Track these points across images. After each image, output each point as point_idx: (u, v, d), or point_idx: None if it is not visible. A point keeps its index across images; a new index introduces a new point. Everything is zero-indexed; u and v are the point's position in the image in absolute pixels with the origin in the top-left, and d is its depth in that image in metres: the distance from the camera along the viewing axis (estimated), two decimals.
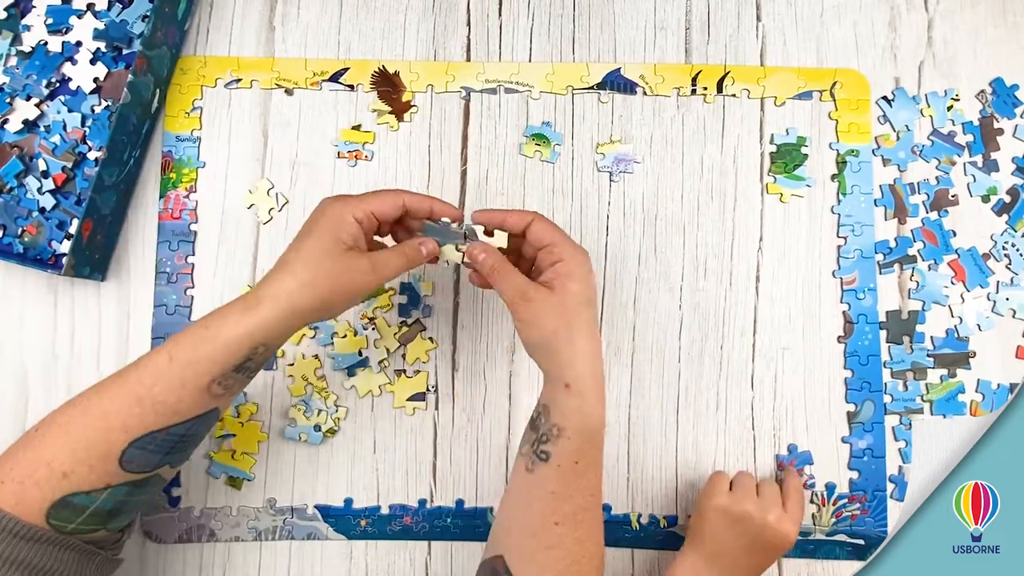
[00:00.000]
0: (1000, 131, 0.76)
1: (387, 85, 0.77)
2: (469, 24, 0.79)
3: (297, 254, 0.57)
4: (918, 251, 0.75)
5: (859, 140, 0.76)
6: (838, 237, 0.75)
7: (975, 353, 0.73)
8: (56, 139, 0.74)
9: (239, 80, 0.77)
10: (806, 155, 0.76)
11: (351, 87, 0.77)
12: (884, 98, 0.77)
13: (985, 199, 0.75)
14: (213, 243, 0.75)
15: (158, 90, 0.75)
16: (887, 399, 0.73)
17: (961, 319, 0.74)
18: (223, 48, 0.78)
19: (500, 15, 0.79)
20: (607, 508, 0.72)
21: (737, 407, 0.73)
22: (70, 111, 0.74)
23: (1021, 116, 0.77)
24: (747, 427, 0.73)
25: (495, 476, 0.73)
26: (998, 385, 0.73)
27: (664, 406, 0.73)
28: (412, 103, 0.77)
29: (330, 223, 0.57)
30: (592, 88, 0.77)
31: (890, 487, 0.72)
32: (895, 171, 0.76)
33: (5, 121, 0.74)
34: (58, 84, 0.75)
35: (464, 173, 0.77)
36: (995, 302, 0.74)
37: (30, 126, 0.74)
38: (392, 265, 0.59)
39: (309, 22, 0.79)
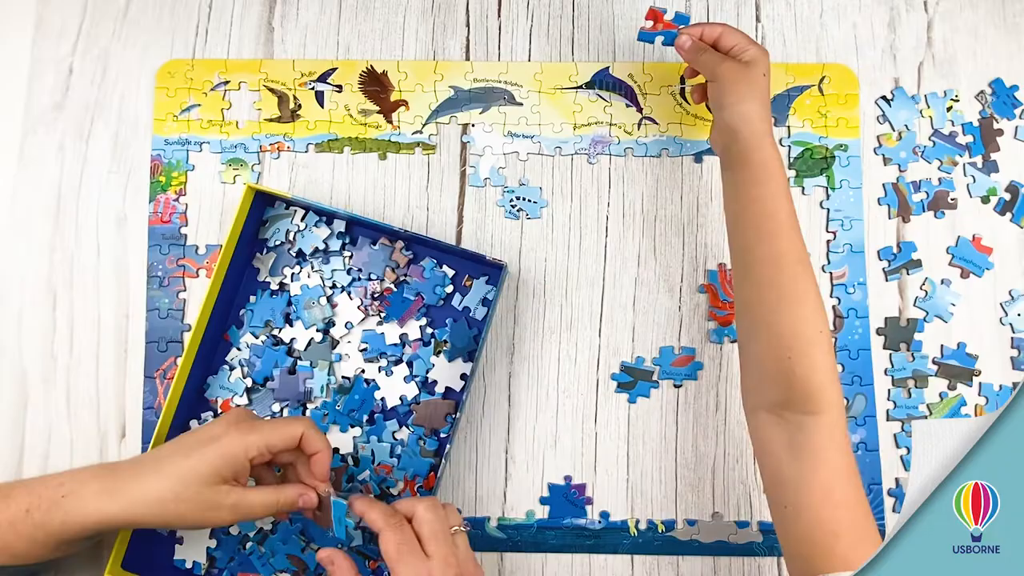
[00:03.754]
0: (1000, 132, 0.76)
1: (375, 85, 0.77)
2: (468, 25, 0.79)
3: (175, 465, 0.57)
4: (922, 256, 0.75)
5: (848, 135, 0.76)
6: (827, 232, 0.75)
7: (980, 372, 0.73)
8: (365, 474, 0.71)
9: (227, 82, 0.77)
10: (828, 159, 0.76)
11: (339, 87, 0.77)
12: (883, 98, 0.77)
13: (985, 200, 0.75)
14: (203, 246, 0.75)
15: None
16: (889, 406, 0.73)
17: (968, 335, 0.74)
18: (222, 49, 0.78)
19: (499, 16, 0.79)
20: (605, 515, 0.72)
21: (737, 408, 0.73)
22: (379, 440, 0.71)
23: (1021, 117, 0.77)
24: (747, 428, 0.73)
25: (495, 479, 0.73)
26: (1000, 387, 0.73)
27: (664, 407, 0.73)
28: (401, 101, 0.77)
29: (222, 457, 0.57)
30: (581, 87, 0.77)
31: (890, 501, 0.72)
32: (896, 171, 0.76)
33: None
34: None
35: (464, 174, 0.76)
36: (1006, 312, 0.74)
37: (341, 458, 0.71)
38: (257, 511, 0.60)
39: (308, 23, 0.79)
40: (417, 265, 0.73)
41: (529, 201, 0.76)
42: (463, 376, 0.72)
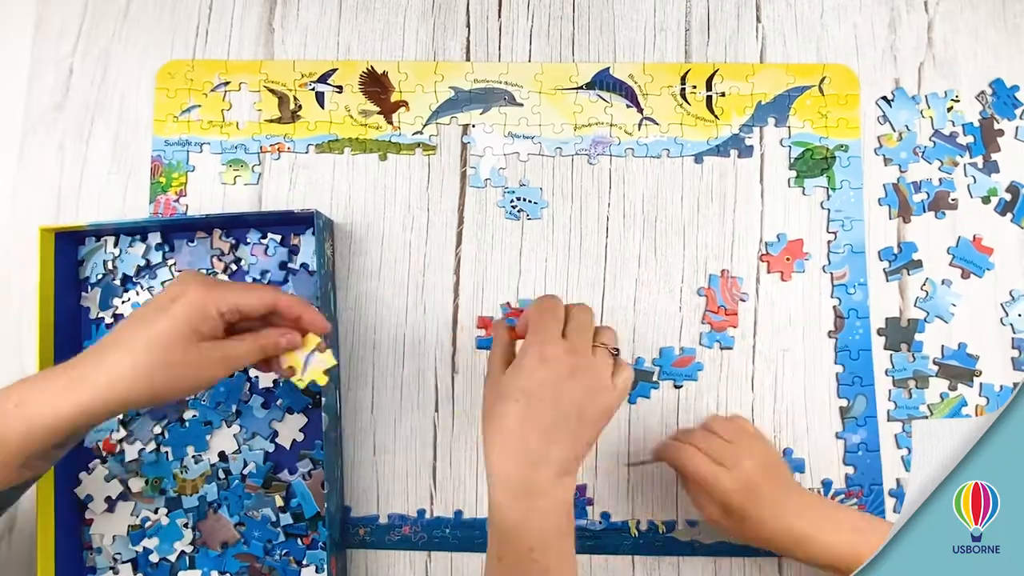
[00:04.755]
0: (1000, 132, 0.76)
1: (376, 85, 0.77)
2: (468, 26, 0.79)
3: (142, 333, 0.53)
4: (923, 257, 0.75)
5: (848, 135, 0.76)
6: (828, 232, 0.75)
7: (981, 372, 0.73)
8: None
9: (228, 83, 0.77)
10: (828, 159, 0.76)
11: (339, 88, 0.77)
12: (884, 98, 0.77)
13: (985, 200, 0.75)
14: None
15: None
16: (890, 406, 0.73)
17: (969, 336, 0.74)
18: (222, 50, 0.78)
19: (500, 17, 0.79)
20: (605, 516, 0.72)
21: (737, 408, 0.73)
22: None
23: (1021, 117, 0.77)
24: None
25: None
26: (1001, 387, 0.73)
27: (664, 407, 0.73)
28: (402, 102, 0.77)
29: (190, 311, 0.53)
30: (581, 88, 0.77)
31: (890, 501, 0.72)
32: (896, 171, 0.76)
33: None
34: None
35: (464, 175, 0.76)
36: (1007, 312, 0.74)
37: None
38: (245, 359, 0.57)
39: (308, 24, 0.79)
40: (251, 244, 0.73)
41: (529, 202, 0.76)
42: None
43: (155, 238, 0.74)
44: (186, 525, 0.71)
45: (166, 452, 0.71)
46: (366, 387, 0.74)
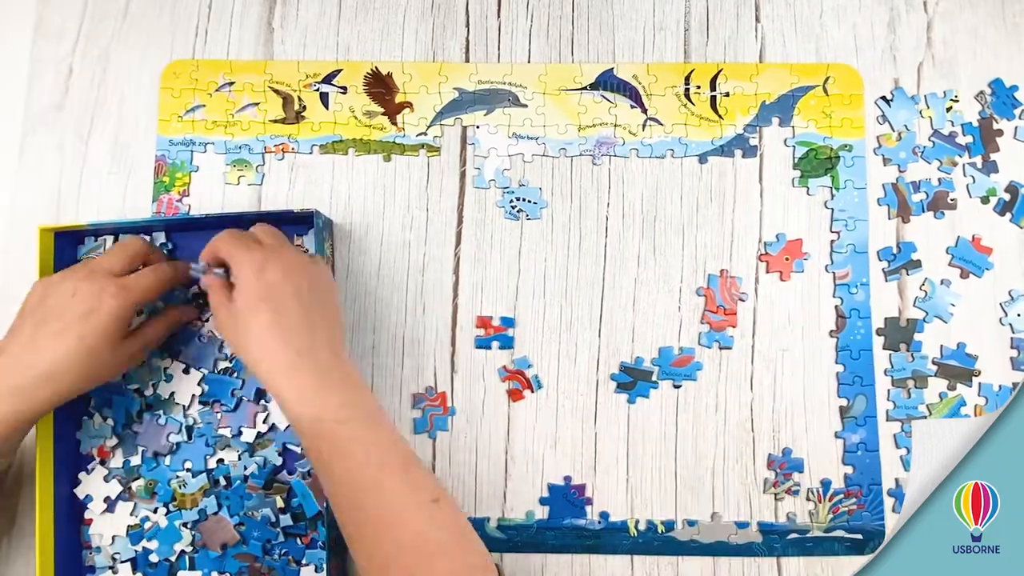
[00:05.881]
0: (999, 132, 0.76)
1: (380, 87, 0.77)
2: (468, 25, 0.79)
3: (73, 346, 0.60)
4: (922, 257, 0.75)
5: (852, 135, 0.76)
6: (831, 232, 0.75)
7: (980, 372, 0.73)
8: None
9: (232, 83, 0.77)
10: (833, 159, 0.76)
11: (343, 89, 0.77)
12: (883, 98, 0.77)
13: (984, 200, 0.75)
14: None
15: None
16: (889, 406, 0.73)
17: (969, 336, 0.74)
18: (222, 50, 0.78)
19: (499, 16, 0.79)
20: (604, 516, 0.72)
21: (736, 408, 0.73)
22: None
23: (1020, 117, 0.77)
24: (746, 429, 0.73)
25: (494, 479, 0.73)
26: (1000, 387, 0.73)
27: (663, 407, 0.73)
28: (406, 103, 0.77)
29: (112, 319, 0.61)
30: (585, 88, 0.77)
31: (890, 501, 0.72)
32: (896, 171, 0.76)
33: None
34: None
35: (463, 175, 0.77)
36: (1006, 312, 0.74)
37: None
38: (159, 340, 0.68)
39: (308, 24, 0.79)
40: None
41: (529, 202, 0.76)
42: None
43: (159, 237, 0.74)
44: (185, 525, 0.71)
45: (164, 458, 0.72)
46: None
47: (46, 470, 0.67)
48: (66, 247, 0.72)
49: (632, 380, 0.74)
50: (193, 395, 0.72)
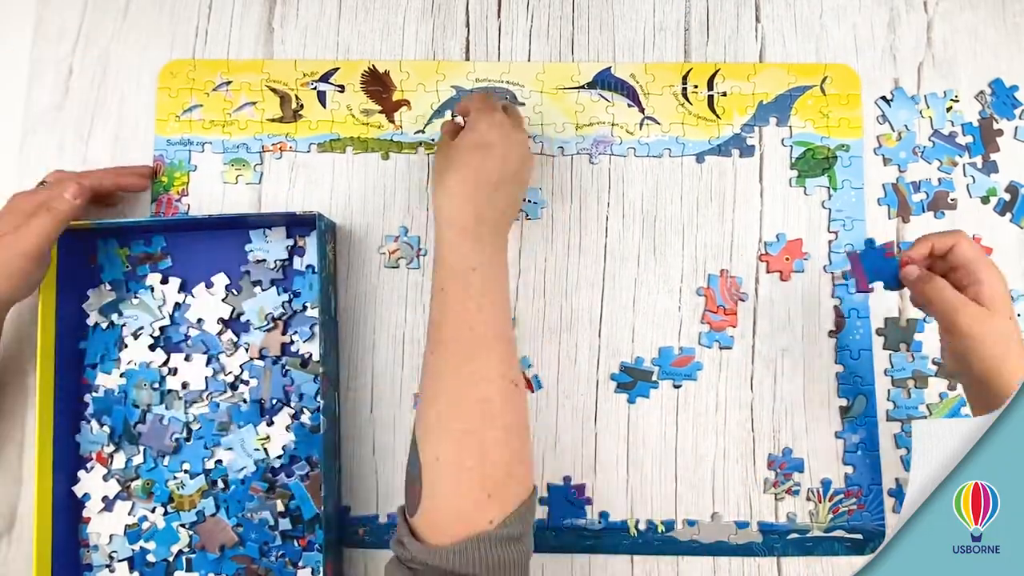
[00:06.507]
0: (999, 132, 0.76)
1: (377, 85, 0.77)
2: (468, 25, 0.79)
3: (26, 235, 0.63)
4: None
5: (850, 135, 0.76)
6: (829, 232, 0.75)
7: None
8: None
9: (230, 82, 0.77)
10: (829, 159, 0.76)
11: (341, 87, 0.77)
12: (883, 98, 0.77)
13: (984, 200, 0.75)
14: None
15: None
16: (889, 406, 0.73)
17: None
18: (222, 50, 0.78)
19: (499, 16, 0.79)
20: (604, 516, 0.72)
21: (737, 408, 0.73)
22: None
23: (1020, 117, 0.77)
24: (747, 429, 0.73)
25: None
26: None
27: (663, 407, 0.73)
28: (403, 101, 0.77)
29: (64, 220, 0.65)
30: (583, 87, 0.77)
31: (890, 501, 0.72)
32: (896, 171, 0.76)
33: None
34: None
35: None
36: None
37: None
38: (48, 233, 0.66)
39: (308, 23, 0.79)
40: (256, 245, 0.74)
41: (529, 201, 0.76)
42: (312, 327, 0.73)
43: (159, 241, 0.74)
44: (183, 526, 0.71)
45: (163, 458, 0.72)
46: (366, 387, 0.74)
47: (45, 466, 0.68)
48: (69, 247, 0.71)
49: (632, 380, 0.74)
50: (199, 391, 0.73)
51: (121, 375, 0.72)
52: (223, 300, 0.73)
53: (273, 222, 0.73)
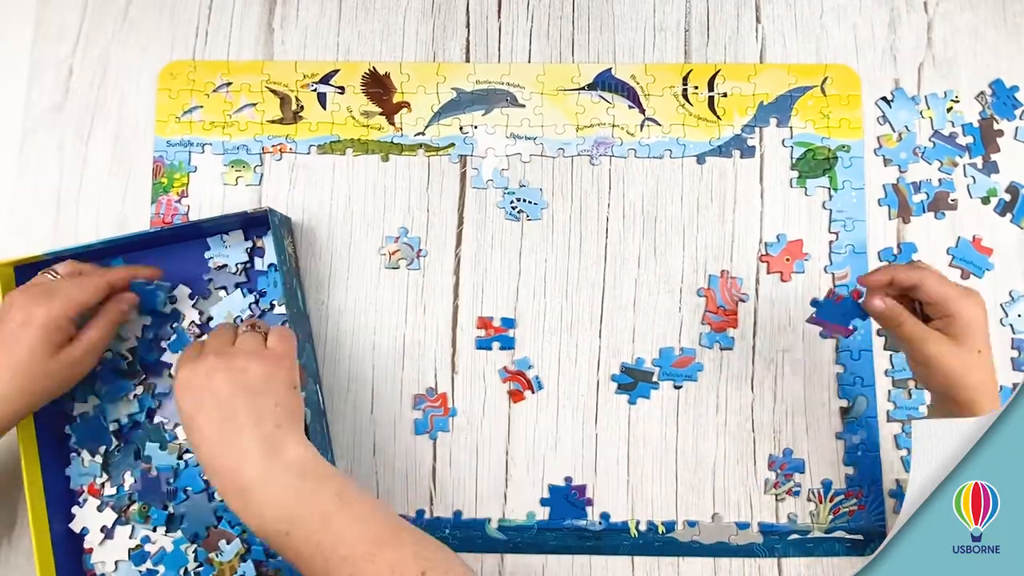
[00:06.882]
0: (1000, 132, 0.76)
1: (377, 87, 0.77)
2: (468, 26, 0.79)
3: (4, 362, 0.59)
4: (923, 257, 0.74)
5: (850, 135, 0.76)
6: (830, 232, 0.75)
7: None
8: None
9: (230, 84, 0.77)
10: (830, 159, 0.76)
11: (341, 89, 0.77)
12: (883, 99, 0.77)
13: (985, 201, 0.75)
14: None
15: None
16: (890, 407, 0.73)
17: None
18: (222, 51, 0.78)
19: (499, 17, 0.79)
20: (605, 516, 0.72)
21: (737, 409, 0.73)
22: None
23: (1021, 118, 0.77)
24: (747, 429, 0.73)
25: (495, 480, 0.73)
26: (1001, 388, 0.73)
27: (664, 408, 0.73)
28: (403, 103, 0.77)
29: (44, 331, 0.60)
30: (583, 89, 0.77)
31: (891, 502, 0.72)
32: (896, 171, 0.76)
33: None
34: None
35: (464, 175, 0.76)
36: (1007, 313, 0.74)
37: None
38: (104, 341, 0.65)
39: (308, 24, 0.79)
40: (215, 252, 0.73)
41: (529, 202, 0.76)
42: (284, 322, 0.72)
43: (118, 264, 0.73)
44: (192, 541, 0.70)
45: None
46: (366, 387, 0.74)
47: (38, 509, 0.67)
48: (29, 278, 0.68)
49: (633, 381, 0.74)
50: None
51: (95, 395, 0.71)
52: (193, 306, 0.73)
53: (228, 225, 0.72)
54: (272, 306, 0.73)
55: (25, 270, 0.68)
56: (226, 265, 0.73)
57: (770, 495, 0.72)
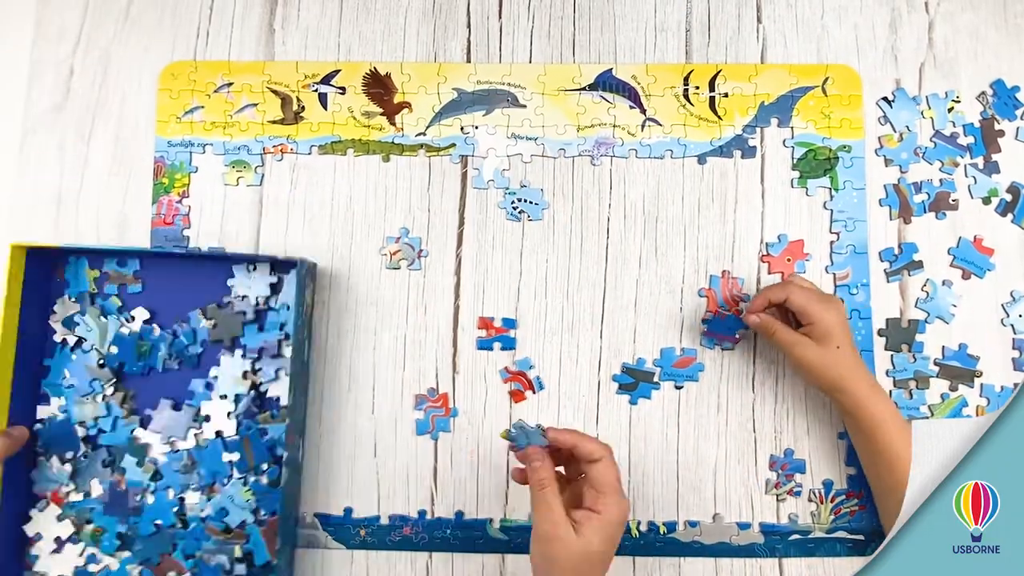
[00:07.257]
0: (1001, 133, 0.76)
1: (378, 87, 0.77)
2: (469, 26, 0.79)
3: None
4: (923, 258, 0.75)
5: (851, 136, 0.76)
6: (831, 233, 0.75)
7: (982, 373, 0.73)
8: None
9: (231, 84, 0.77)
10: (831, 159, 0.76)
11: (342, 89, 0.77)
12: (884, 99, 0.77)
13: (986, 201, 0.75)
14: (205, 248, 0.75)
15: None
16: None
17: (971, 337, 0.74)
18: (223, 51, 0.78)
19: (500, 17, 0.79)
20: None
21: (737, 409, 0.73)
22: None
23: (1022, 118, 0.77)
24: (748, 430, 0.73)
25: (497, 481, 0.73)
26: (1001, 388, 0.73)
27: (665, 408, 0.73)
28: (404, 104, 0.77)
29: None
30: (584, 89, 0.77)
31: None
32: (897, 172, 0.76)
33: None
34: None
35: (465, 176, 0.76)
36: (1008, 313, 0.74)
37: None
38: None
39: (309, 24, 0.79)
40: (238, 279, 0.73)
41: (530, 203, 0.76)
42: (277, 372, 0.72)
43: (133, 264, 0.74)
44: (142, 563, 0.70)
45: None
46: (367, 388, 0.74)
47: None
48: (37, 266, 0.70)
49: (634, 381, 0.74)
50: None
51: (61, 396, 0.71)
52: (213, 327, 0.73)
53: (255, 262, 0.73)
54: (280, 344, 0.73)
55: (37, 258, 0.69)
56: (246, 296, 0.73)
57: (771, 495, 0.72)
